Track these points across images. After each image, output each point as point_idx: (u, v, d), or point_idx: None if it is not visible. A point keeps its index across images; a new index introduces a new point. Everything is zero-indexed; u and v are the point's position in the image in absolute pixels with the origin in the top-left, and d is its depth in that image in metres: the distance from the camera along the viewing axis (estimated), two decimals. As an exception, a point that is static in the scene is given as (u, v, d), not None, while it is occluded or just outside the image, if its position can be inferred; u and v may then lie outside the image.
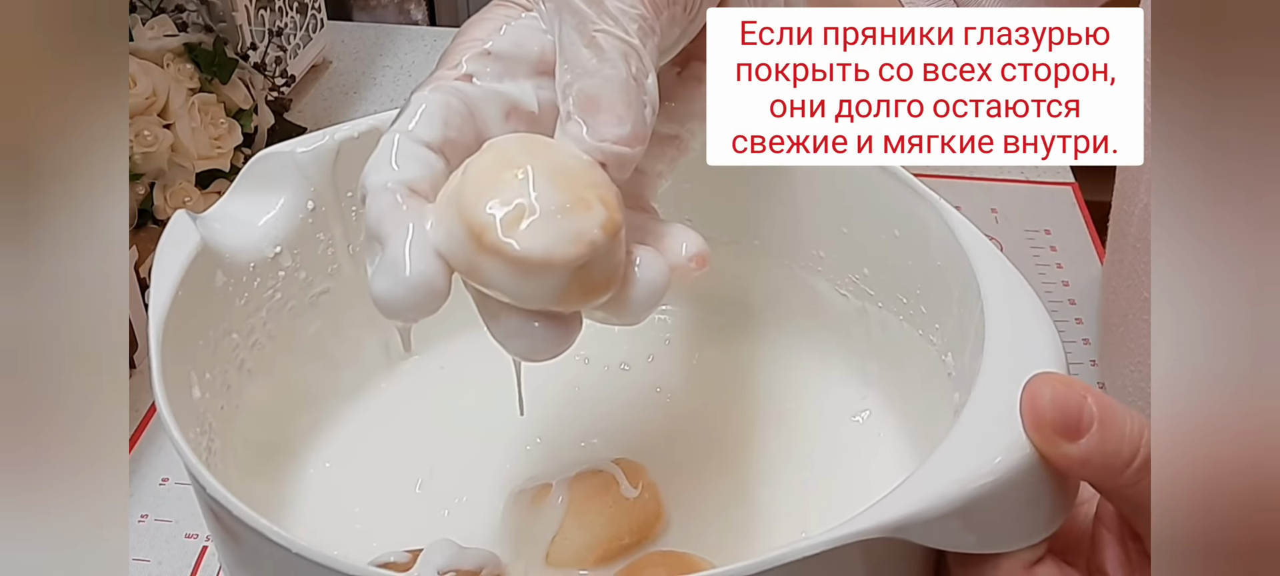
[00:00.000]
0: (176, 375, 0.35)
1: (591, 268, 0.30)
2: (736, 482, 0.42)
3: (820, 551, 0.27)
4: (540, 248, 0.29)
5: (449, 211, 0.30)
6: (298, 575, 0.29)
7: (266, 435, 0.41)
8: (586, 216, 0.29)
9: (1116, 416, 0.29)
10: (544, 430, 0.44)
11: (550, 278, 0.29)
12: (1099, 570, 0.31)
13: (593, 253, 0.29)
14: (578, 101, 0.31)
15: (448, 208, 0.30)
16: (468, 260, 0.29)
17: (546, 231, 0.29)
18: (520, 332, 0.30)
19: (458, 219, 0.29)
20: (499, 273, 0.29)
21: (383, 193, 0.30)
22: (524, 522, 0.40)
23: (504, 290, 0.29)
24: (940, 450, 0.29)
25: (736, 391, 0.46)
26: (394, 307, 0.30)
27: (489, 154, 0.31)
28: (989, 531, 0.29)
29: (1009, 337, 0.32)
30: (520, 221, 0.29)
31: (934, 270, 0.38)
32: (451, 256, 0.30)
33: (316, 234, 0.42)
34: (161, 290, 0.36)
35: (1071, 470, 0.29)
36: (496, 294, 0.30)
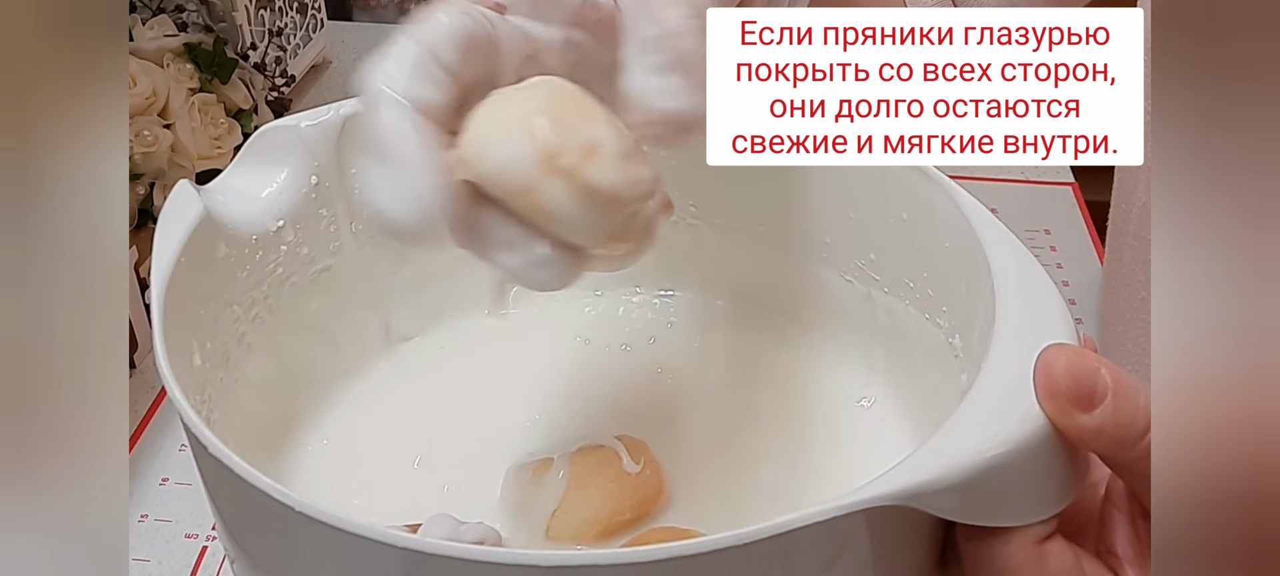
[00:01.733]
0: (178, 341, 0.35)
1: (636, 218, 0.32)
2: (738, 461, 0.42)
3: (828, 519, 0.27)
4: (611, 182, 0.30)
5: (506, 129, 0.30)
6: (297, 535, 0.29)
7: (266, 410, 0.41)
8: (644, 168, 0.31)
9: (1130, 388, 0.28)
10: (545, 408, 0.44)
11: (610, 213, 0.30)
12: (1108, 549, 0.31)
13: (645, 202, 0.31)
14: (668, 58, 0.30)
15: (505, 124, 0.30)
16: (524, 180, 0.30)
17: (617, 169, 0.30)
18: (545, 263, 0.31)
19: (524, 138, 0.29)
20: (562, 197, 0.30)
21: (396, 107, 0.29)
22: (524, 496, 0.40)
23: (559, 216, 0.30)
24: (952, 420, 0.29)
25: (740, 374, 0.46)
26: (404, 232, 0.29)
27: (545, 87, 0.31)
28: (1000, 504, 0.29)
29: (1020, 312, 0.32)
30: (592, 156, 0.30)
31: (942, 251, 0.38)
32: (498, 174, 0.30)
33: (319, 210, 0.42)
34: (164, 255, 0.36)
35: (1084, 441, 0.29)
36: (544, 219, 0.30)
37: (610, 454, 0.40)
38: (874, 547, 0.29)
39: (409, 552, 0.27)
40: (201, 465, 0.33)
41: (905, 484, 0.28)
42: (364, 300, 0.45)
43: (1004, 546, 0.30)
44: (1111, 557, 0.31)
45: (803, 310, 0.46)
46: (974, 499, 0.29)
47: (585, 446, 0.40)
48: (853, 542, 0.29)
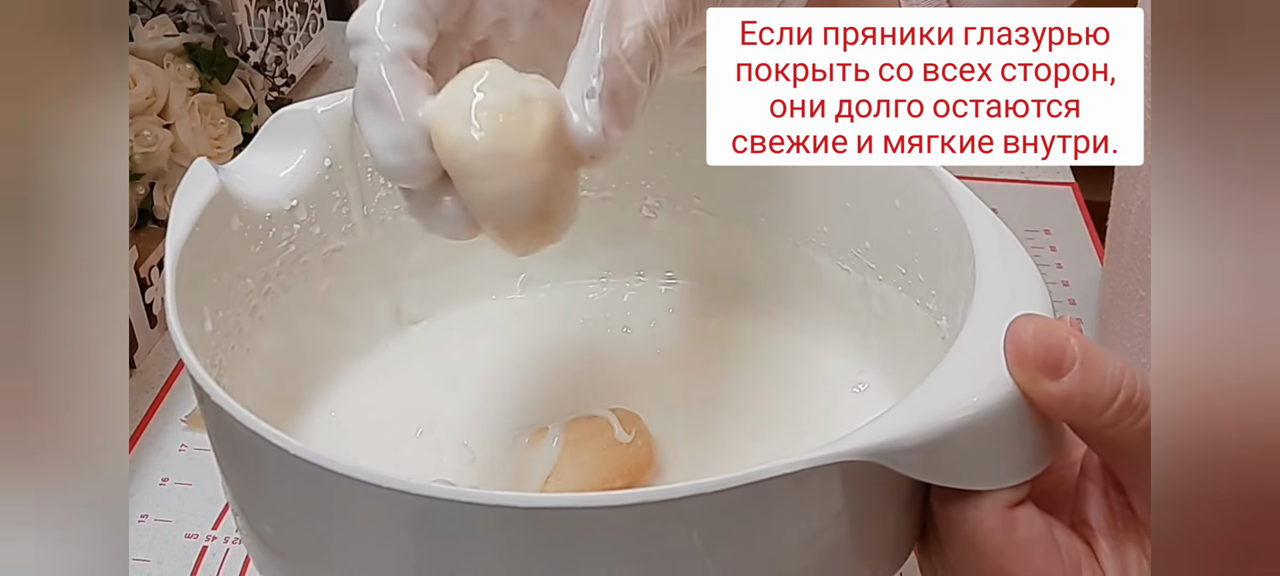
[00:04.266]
0: (190, 304, 0.36)
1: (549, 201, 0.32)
2: (729, 437, 0.43)
3: (798, 470, 0.27)
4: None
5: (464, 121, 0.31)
6: (305, 486, 0.30)
7: (275, 384, 0.42)
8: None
9: (1098, 358, 0.29)
10: (544, 383, 0.45)
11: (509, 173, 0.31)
12: (1083, 521, 0.32)
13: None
14: (603, 86, 0.31)
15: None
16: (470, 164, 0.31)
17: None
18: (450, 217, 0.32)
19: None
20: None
21: (389, 56, 0.31)
22: (520, 462, 0.41)
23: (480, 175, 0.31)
24: (924, 383, 0.30)
25: (736, 358, 0.46)
26: (394, 175, 0.32)
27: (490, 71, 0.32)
28: (969, 466, 0.30)
29: (999, 285, 0.33)
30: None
31: (932, 237, 0.38)
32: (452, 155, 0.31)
33: (332, 192, 0.43)
34: (179, 223, 0.37)
35: (1052, 408, 0.29)
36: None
37: (603, 423, 0.41)
38: (850, 509, 0.30)
39: (405, 495, 0.28)
40: (211, 424, 0.33)
41: (874, 440, 0.28)
42: (375, 281, 0.46)
43: (974, 509, 0.30)
44: (1085, 528, 0.31)
45: (800, 297, 0.46)
46: (943, 459, 0.29)
47: (579, 416, 0.41)
48: (827, 502, 0.29)
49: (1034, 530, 0.30)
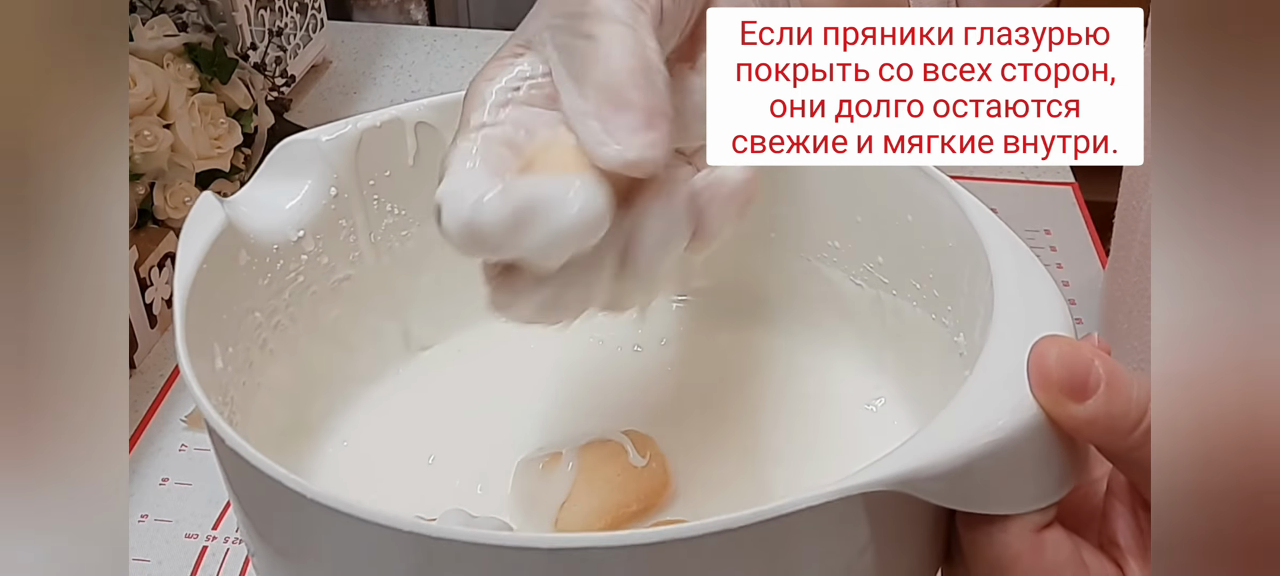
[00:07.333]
0: (200, 343, 0.36)
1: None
2: (745, 459, 0.42)
3: (823, 502, 0.27)
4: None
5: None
6: (316, 526, 0.29)
7: (286, 416, 0.42)
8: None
9: (1123, 379, 0.29)
10: (556, 406, 0.45)
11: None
12: (1111, 541, 0.31)
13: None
14: (597, 97, 0.30)
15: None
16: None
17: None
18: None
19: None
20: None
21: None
22: (534, 489, 0.40)
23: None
24: (948, 409, 0.29)
25: (749, 376, 0.46)
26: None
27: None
28: (995, 491, 0.29)
29: (1018, 305, 0.32)
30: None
31: (946, 251, 0.38)
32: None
33: (339, 220, 0.43)
34: (186, 261, 0.36)
35: (1078, 431, 0.29)
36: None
37: (617, 447, 0.40)
38: (876, 539, 0.29)
39: (420, 537, 0.27)
40: (224, 463, 0.33)
41: (899, 469, 0.28)
42: (383, 308, 0.45)
43: (1001, 534, 0.30)
44: (1114, 548, 0.31)
45: (812, 313, 0.46)
46: (969, 485, 0.29)
47: (593, 440, 0.41)
48: (852, 533, 0.29)
49: (1063, 553, 0.30)
